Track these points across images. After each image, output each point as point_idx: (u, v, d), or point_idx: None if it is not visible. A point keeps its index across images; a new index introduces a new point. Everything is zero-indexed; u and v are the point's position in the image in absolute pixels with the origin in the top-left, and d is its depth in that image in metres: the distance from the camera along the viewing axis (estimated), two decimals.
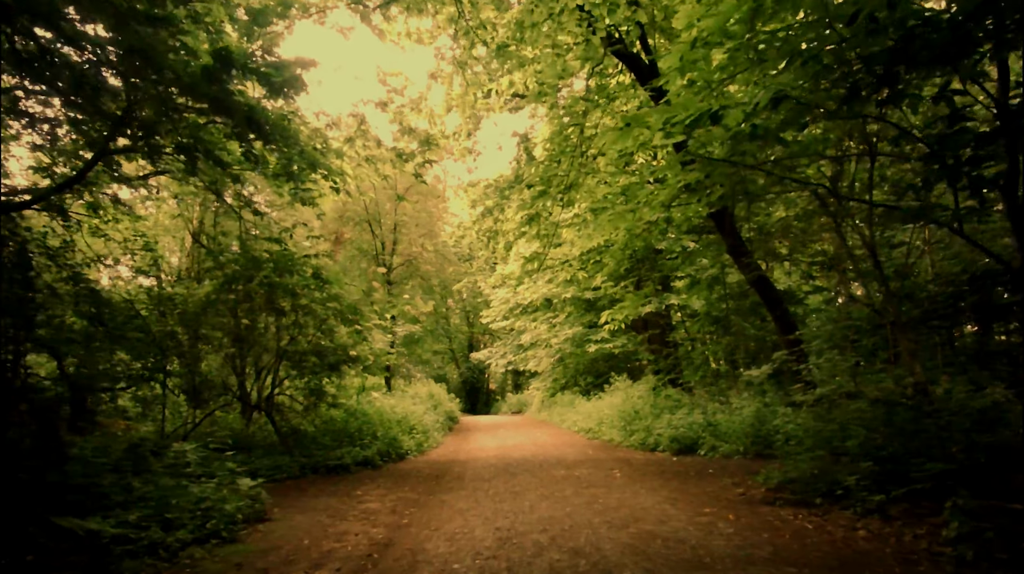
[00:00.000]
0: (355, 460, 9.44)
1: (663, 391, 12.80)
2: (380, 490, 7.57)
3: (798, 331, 10.31)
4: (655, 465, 8.46)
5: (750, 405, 9.08)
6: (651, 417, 10.92)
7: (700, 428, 9.36)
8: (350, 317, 10.44)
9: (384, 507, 6.43)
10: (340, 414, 11.10)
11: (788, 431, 8.15)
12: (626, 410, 12.04)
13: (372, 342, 11.35)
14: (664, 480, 7.12)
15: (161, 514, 4.55)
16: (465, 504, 6.35)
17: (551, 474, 8.02)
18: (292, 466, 8.87)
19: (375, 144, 11.31)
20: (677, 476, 7.40)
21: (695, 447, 9.31)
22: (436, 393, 18.89)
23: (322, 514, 6.04)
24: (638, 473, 7.74)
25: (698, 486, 6.66)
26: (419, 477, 8.62)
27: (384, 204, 18.12)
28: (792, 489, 5.67)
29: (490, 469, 8.93)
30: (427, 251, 21.03)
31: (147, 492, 4.82)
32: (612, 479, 7.37)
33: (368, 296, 11.60)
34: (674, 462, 8.71)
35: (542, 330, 18.84)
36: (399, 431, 11.35)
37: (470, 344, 39.90)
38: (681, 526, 4.83)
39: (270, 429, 10.41)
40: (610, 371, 16.59)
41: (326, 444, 9.71)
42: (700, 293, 14.02)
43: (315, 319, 10.23)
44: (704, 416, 9.67)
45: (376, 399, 12.30)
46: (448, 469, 9.26)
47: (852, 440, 5.66)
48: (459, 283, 30.25)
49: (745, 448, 8.49)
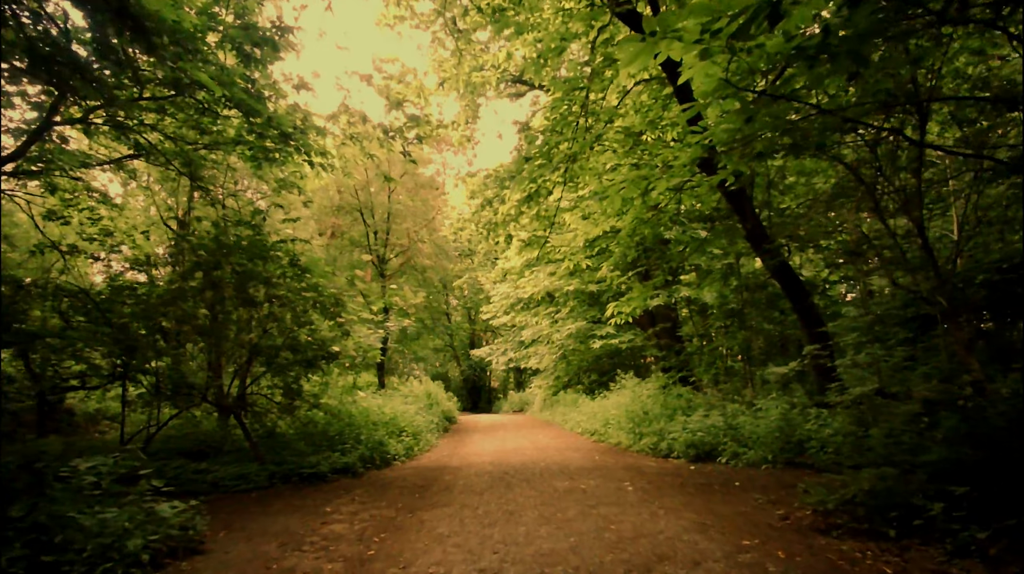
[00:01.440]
0: (333, 467, 8.28)
1: (674, 390, 11.60)
2: (354, 505, 6.41)
3: (827, 324, 9.12)
4: (671, 475, 7.27)
5: (776, 406, 7.88)
6: (663, 419, 9.72)
7: (720, 432, 8.16)
8: (331, 309, 9.28)
9: (351, 530, 5.26)
10: (322, 416, 9.96)
11: (824, 437, 6.95)
12: (634, 411, 10.84)
13: (356, 337, 10.19)
14: (686, 496, 5.92)
15: (37, 556, 3.40)
16: (447, 527, 5.17)
17: (553, 486, 6.84)
18: (260, 475, 7.73)
19: (360, 120, 10.13)
20: (700, 491, 6.21)
21: (714, 454, 8.12)
22: (433, 391, 17.73)
23: (272, 541, 4.87)
24: (653, 486, 6.55)
25: (728, 504, 5.47)
26: (402, 488, 7.45)
27: (377, 194, 16.93)
28: (852, 514, 4.47)
29: (484, 478, 7.75)
30: (423, 243, 19.85)
31: (31, 522, 3.66)
32: (624, 494, 6.19)
33: (351, 285, 10.47)
34: (692, 471, 7.51)
35: (544, 325, 17.65)
36: (386, 434, 10.18)
37: (472, 342, 38.73)
38: (722, 571, 3.64)
39: (259, 431, 9.30)
40: (615, 369, 15.38)
41: (301, 450, 8.55)
42: (713, 284, 12.81)
43: (292, 311, 9.08)
44: (724, 418, 8.47)
45: (363, 398, 11.13)
46: (437, 478, 8.09)
47: (929, 453, 4.45)
48: (460, 279, 29.09)
49: (773, 456, 7.29)
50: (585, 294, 16.24)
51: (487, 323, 28.37)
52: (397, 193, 17.56)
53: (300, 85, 9.89)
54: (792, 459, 7.23)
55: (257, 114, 7.53)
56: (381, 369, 16.46)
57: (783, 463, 7.23)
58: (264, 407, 9.30)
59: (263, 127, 7.72)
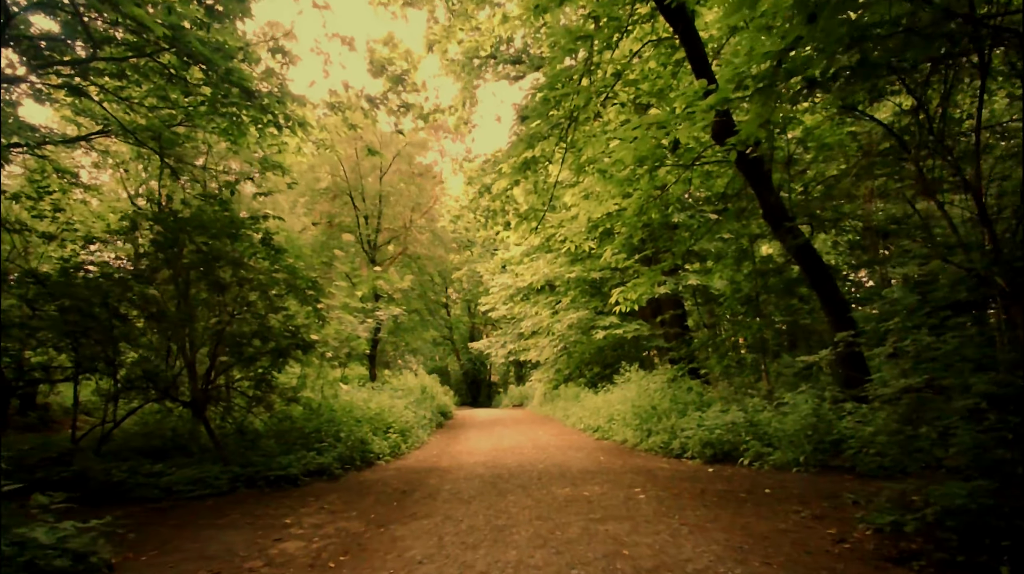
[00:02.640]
0: (306, 469, 7.28)
1: (683, 383, 10.57)
2: (320, 515, 5.41)
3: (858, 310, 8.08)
4: (688, 480, 6.26)
5: (805, 401, 6.84)
6: (674, 415, 8.70)
7: (741, 430, 7.13)
8: (308, 293, 8.27)
9: (307, 551, 4.26)
10: (300, 411, 8.96)
11: (865, 437, 5.92)
12: (641, 406, 9.82)
13: (337, 325, 9.18)
14: (710, 508, 4.90)
15: None
16: (422, 548, 4.17)
17: (552, 494, 5.83)
18: (221, 478, 6.73)
19: (342, 88, 9.09)
20: (725, 500, 5.19)
21: (734, 454, 7.10)
22: (428, 385, 16.71)
23: (202, 569, 3.87)
24: (669, 494, 5.53)
25: (763, 519, 4.45)
26: (381, 493, 6.46)
27: (367, 176, 15.83)
28: (931, 537, 3.45)
29: (474, 482, 6.75)
30: (421, 233, 18.77)
31: None
32: (636, 505, 5.17)
33: (329, 266, 9.49)
34: (711, 475, 6.50)
35: (544, 315, 16.61)
36: (370, 431, 9.18)
37: (471, 335, 37.73)
38: None
39: (227, 429, 8.31)
40: (619, 361, 14.34)
41: (272, 449, 7.55)
42: (725, 270, 11.76)
43: (263, 295, 8.07)
44: (744, 414, 7.45)
45: (347, 392, 10.11)
46: (422, 481, 7.09)
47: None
48: (459, 272, 28.05)
49: (805, 457, 6.26)
50: (587, 282, 15.19)
51: (487, 316, 27.36)
52: (391, 173, 16.44)
53: (276, 49, 8.85)
54: (826, 462, 6.21)
55: (214, 67, 6.49)
56: (372, 361, 15.46)
57: (816, 466, 6.21)
58: (233, 401, 8.30)
59: (219, 84, 6.67)
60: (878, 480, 5.45)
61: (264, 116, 8.17)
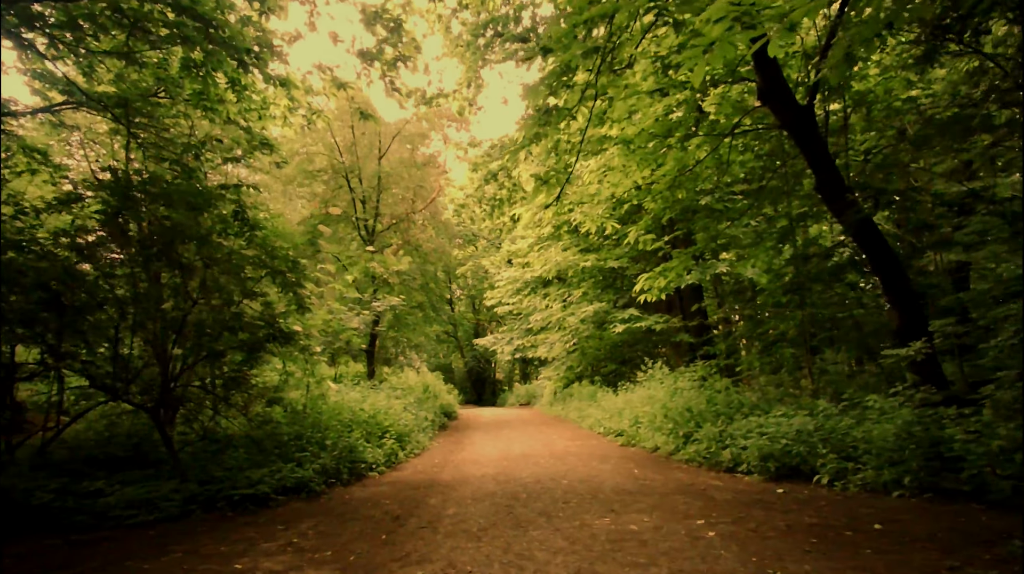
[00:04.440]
0: (280, 486, 5.88)
1: (719, 382, 9.14)
2: (285, 557, 4.00)
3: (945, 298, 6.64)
4: (758, 505, 4.81)
5: (904, 406, 5.38)
6: (719, 419, 7.26)
7: (815, 441, 5.68)
8: (288, 276, 6.86)
9: None
10: (281, 413, 7.58)
11: (992, 451, 4.48)
12: (674, 408, 8.39)
13: (325, 314, 7.77)
14: (817, 557, 3.46)
15: None
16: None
17: (587, 526, 4.40)
18: (173, 499, 5.34)
19: (331, 42, 7.67)
20: (828, 541, 3.75)
21: (804, 470, 5.66)
22: (431, 383, 15.30)
23: None
24: (746, 530, 4.09)
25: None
26: (369, 519, 5.05)
27: (365, 157, 14.39)
28: None
29: (484, 505, 5.33)
30: (425, 224, 17.36)
31: None
32: (708, 548, 3.73)
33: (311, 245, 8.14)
34: (783, 498, 5.06)
35: (555, 309, 15.15)
36: (362, 436, 7.78)
37: (476, 332, 36.34)
38: None
39: (190, 436, 6.95)
40: (639, 357, 12.90)
41: (238, 461, 6.14)
42: (761, 255, 10.31)
43: (236, 279, 6.67)
44: (812, 420, 6.00)
45: (336, 392, 8.70)
46: (420, 502, 5.67)
47: None
48: (464, 267, 26.66)
49: (911, 478, 4.81)
50: (603, 273, 13.74)
51: (492, 311, 25.94)
52: (392, 156, 14.98)
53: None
54: (937, 483, 4.75)
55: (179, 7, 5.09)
56: (371, 357, 14.05)
57: (928, 491, 4.75)
58: (202, 403, 6.92)
59: (182, 22, 5.27)
60: (1020, 512, 4.01)
61: (238, 70, 6.77)
